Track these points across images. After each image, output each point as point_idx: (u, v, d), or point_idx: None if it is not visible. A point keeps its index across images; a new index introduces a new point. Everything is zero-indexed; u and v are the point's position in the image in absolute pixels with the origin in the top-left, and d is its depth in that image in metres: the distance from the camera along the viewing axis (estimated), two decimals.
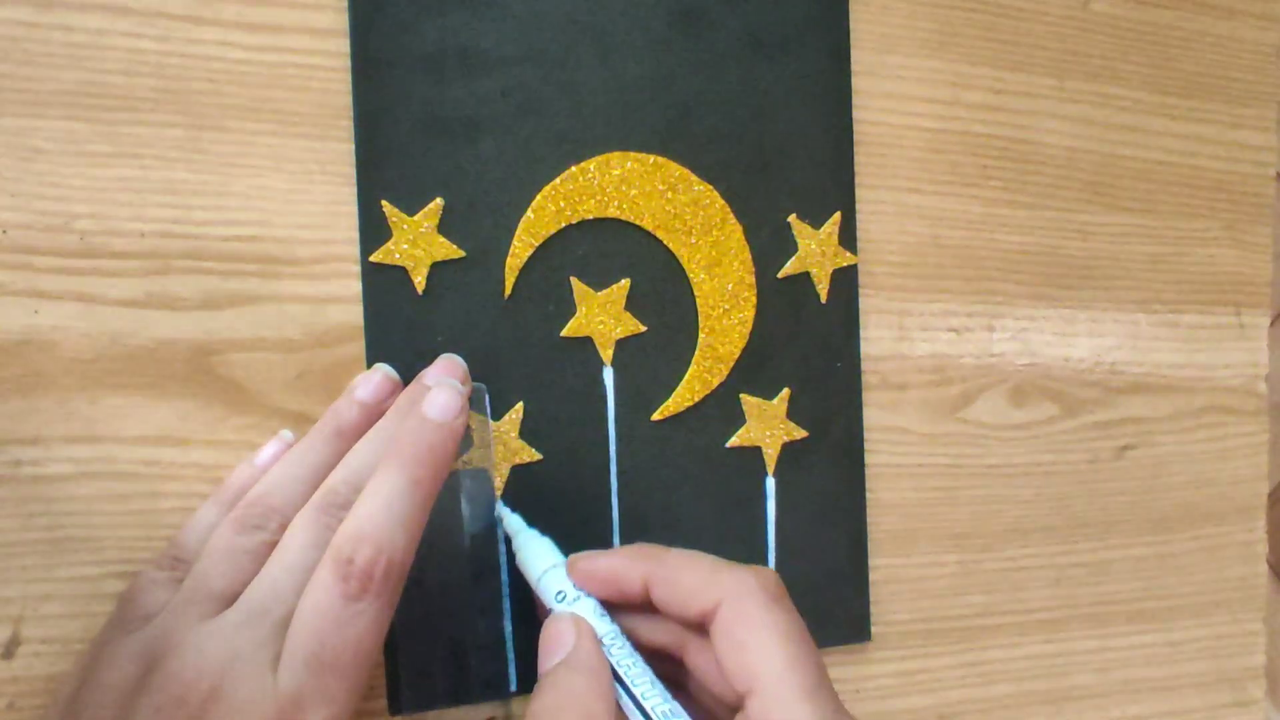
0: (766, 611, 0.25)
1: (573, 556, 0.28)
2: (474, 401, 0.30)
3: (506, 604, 0.31)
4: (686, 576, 0.26)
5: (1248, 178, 0.41)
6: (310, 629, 0.24)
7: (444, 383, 0.28)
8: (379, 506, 0.25)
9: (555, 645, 0.26)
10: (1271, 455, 0.42)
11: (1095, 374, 0.39)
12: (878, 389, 0.36)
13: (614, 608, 0.27)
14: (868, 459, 0.35)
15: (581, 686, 0.25)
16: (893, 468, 0.36)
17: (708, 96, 0.33)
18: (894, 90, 0.36)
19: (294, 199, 0.29)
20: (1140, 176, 0.39)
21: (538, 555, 0.29)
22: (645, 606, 0.27)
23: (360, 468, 0.27)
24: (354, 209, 0.30)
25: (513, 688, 0.31)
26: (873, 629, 0.36)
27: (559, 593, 0.27)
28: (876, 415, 0.36)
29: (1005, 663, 0.38)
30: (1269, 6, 0.41)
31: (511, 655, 0.31)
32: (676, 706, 0.25)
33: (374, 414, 0.28)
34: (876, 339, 0.36)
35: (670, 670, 0.27)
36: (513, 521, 0.30)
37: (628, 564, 0.27)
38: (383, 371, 0.29)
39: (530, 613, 0.31)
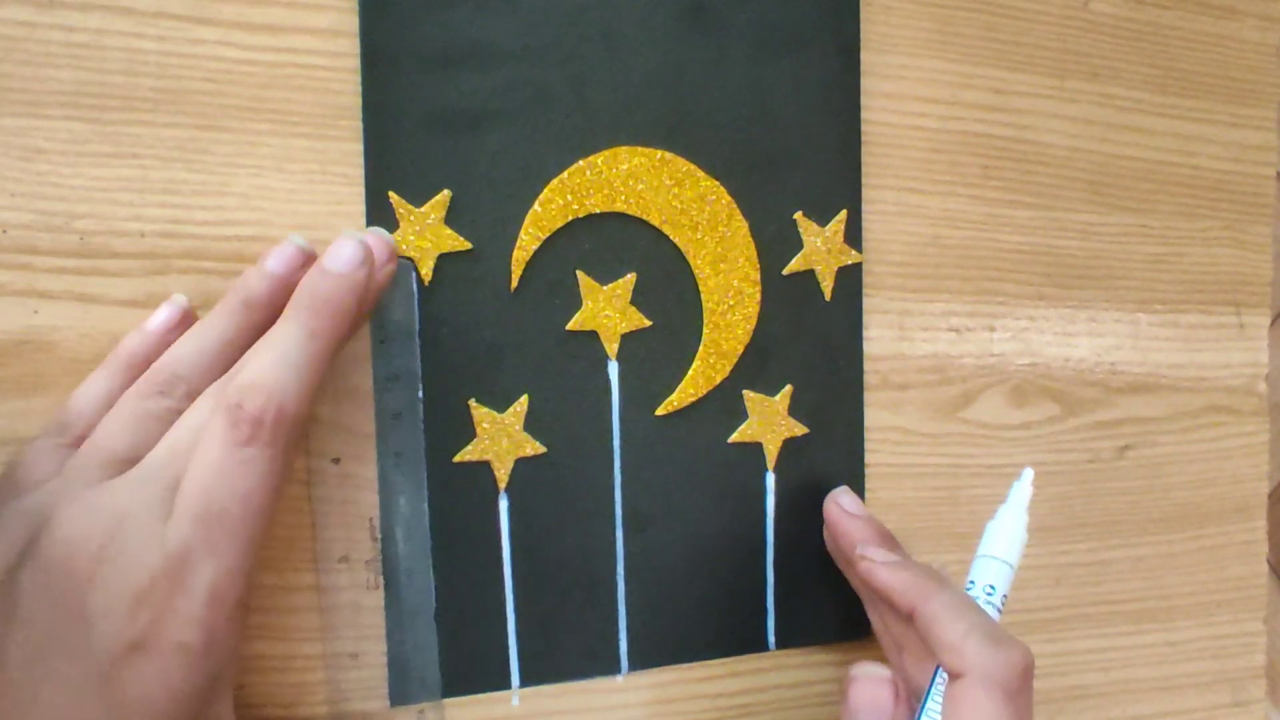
0: (997, 707, 0.26)
1: (860, 550, 0.31)
2: (399, 280, 0.29)
3: (510, 596, 0.31)
4: (943, 631, 0.27)
5: (1248, 178, 0.41)
6: (198, 480, 0.23)
7: (346, 235, 0.27)
8: (272, 356, 0.25)
9: (872, 709, 0.28)
10: (1271, 455, 0.42)
11: (1095, 374, 0.39)
12: (878, 389, 0.36)
13: None
14: (868, 459, 0.35)
15: None
16: (893, 468, 0.36)
17: (715, 93, 0.33)
18: (895, 90, 0.36)
19: (295, 199, 0.29)
20: (1140, 176, 0.39)
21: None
22: None
23: None
24: (356, 209, 0.30)
25: (515, 681, 0.31)
26: None
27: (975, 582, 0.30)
28: (876, 415, 0.36)
29: None
30: (1269, 6, 0.41)
31: (514, 648, 0.31)
32: None
33: (284, 286, 0.27)
34: (877, 339, 0.36)
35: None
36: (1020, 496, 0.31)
37: (901, 590, 0.29)
38: (295, 243, 0.28)
39: (534, 606, 0.31)
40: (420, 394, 0.30)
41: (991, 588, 0.30)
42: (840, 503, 0.33)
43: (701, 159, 0.32)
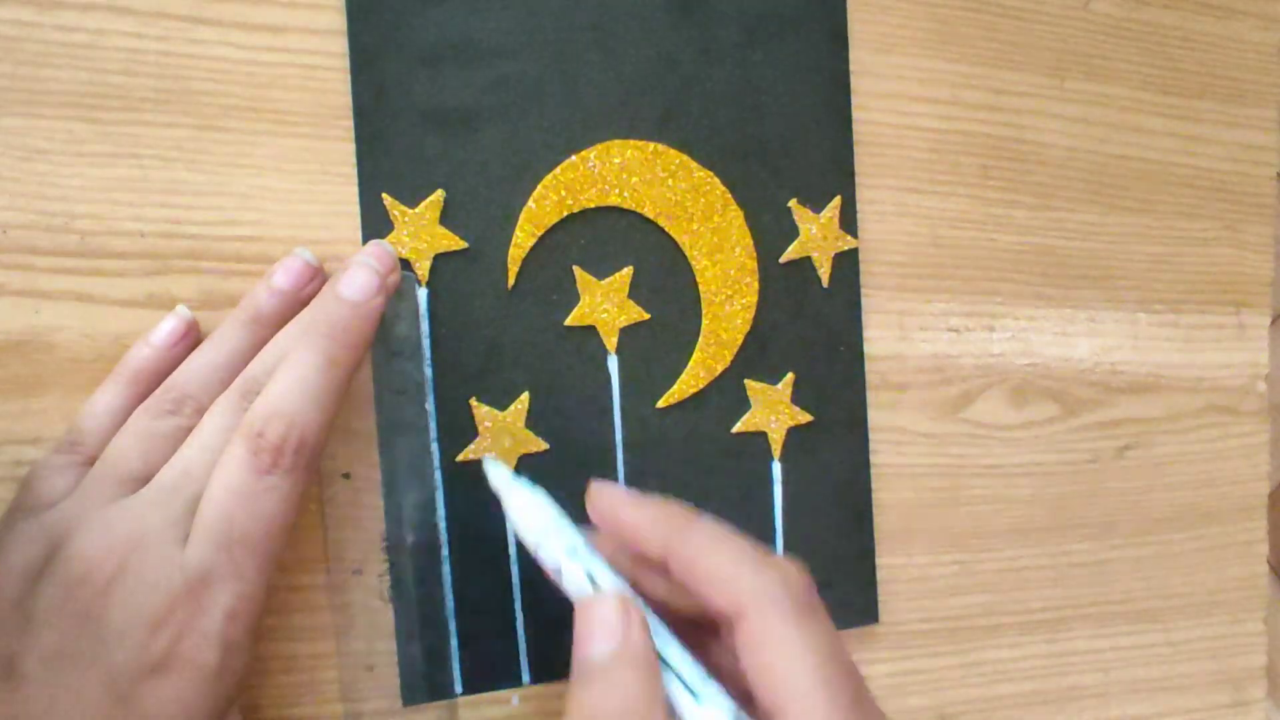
0: (796, 628, 0.22)
1: (594, 487, 0.26)
2: (403, 293, 0.29)
3: (518, 594, 0.31)
4: (709, 566, 0.23)
5: (1248, 178, 0.41)
6: (219, 505, 0.24)
7: (361, 263, 0.28)
8: (291, 382, 0.25)
9: (603, 631, 0.23)
10: (1271, 455, 0.42)
11: (1095, 374, 0.39)
12: (878, 389, 0.36)
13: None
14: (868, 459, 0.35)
15: (637, 687, 0.22)
16: (893, 468, 0.36)
17: (706, 83, 0.33)
18: (894, 90, 0.36)
19: (294, 199, 0.29)
20: (1140, 176, 0.39)
21: (534, 511, 0.26)
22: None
23: (281, 355, 0.26)
24: (354, 209, 0.30)
25: (526, 678, 0.31)
26: (873, 627, 0.36)
27: (571, 548, 0.25)
28: (876, 415, 0.36)
29: (1005, 663, 0.38)
30: (1269, 6, 0.41)
31: (524, 646, 0.31)
32: (728, 703, 0.23)
33: (292, 301, 0.28)
34: (877, 339, 0.36)
35: (691, 636, 0.25)
36: (498, 474, 0.27)
37: (650, 528, 0.25)
38: (303, 258, 0.28)
39: (542, 602, 0.31)
40: (429, 405, 0.30)
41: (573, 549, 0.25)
42: (606, 494, 0.27)
43: (694, 150, 0.33)
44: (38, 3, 0.27)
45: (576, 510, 0.32)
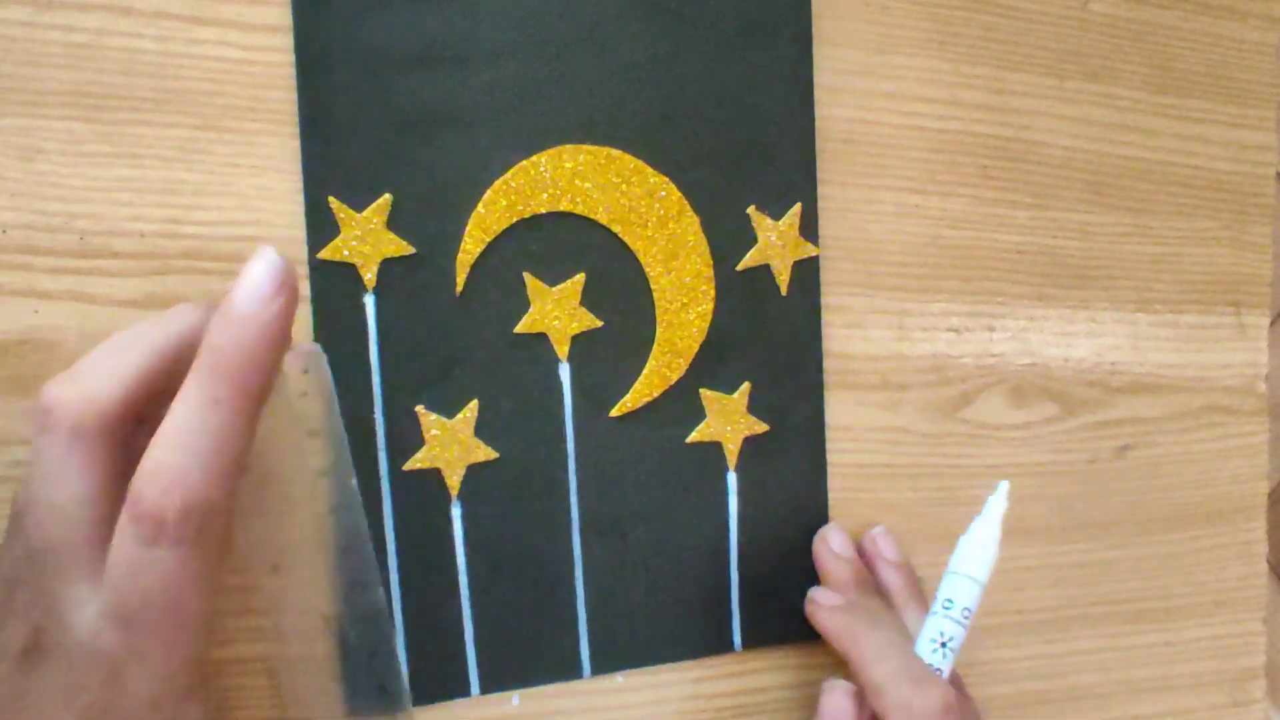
0: None
1: (815, 594, 0.33)
2: (312, 367, 0.27)
3: (466, 604, 0.31)
4: (868, 674, 0.30)
5: (1248, 178, 0.41)
6: (110, 583, 0.21)
7: (253, 257, 0.23)
8: (168, 436, 0.21)
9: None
10: (1271, 455, 0.42)
11: (1095, 374, 0.39)
12: (878, 389, 0.36)
13: None
14: (867, 459, 0.35)
15: None
16: (891, 468, 0.36)
17: (665, 88, 0.32)
18: (894, 90, 0.36)
19: (294, 199, 0.29)
20: (1140, 176, 0.39)
21: None
22: None
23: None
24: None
25: (475, 689, 0.31)
26: None
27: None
28: (876, 415, 0.36)
29: (1005, 663, 0.38)
30: (1269, 6, 0.41)
31: (472, 655, 0.31)
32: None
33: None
34: (876, 339, 0.36)
35: None
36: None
37: (835, 635, 0.31)
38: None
39: (491, 611, 0.31)
40: (354, 481, 0.27)
41: (950, 601, 0.31)
42: (829, 542, 0.34)
43: (651, 155, 0.32)
44: (37, 3, 0.27)
45: (528, 522, 0.31)
